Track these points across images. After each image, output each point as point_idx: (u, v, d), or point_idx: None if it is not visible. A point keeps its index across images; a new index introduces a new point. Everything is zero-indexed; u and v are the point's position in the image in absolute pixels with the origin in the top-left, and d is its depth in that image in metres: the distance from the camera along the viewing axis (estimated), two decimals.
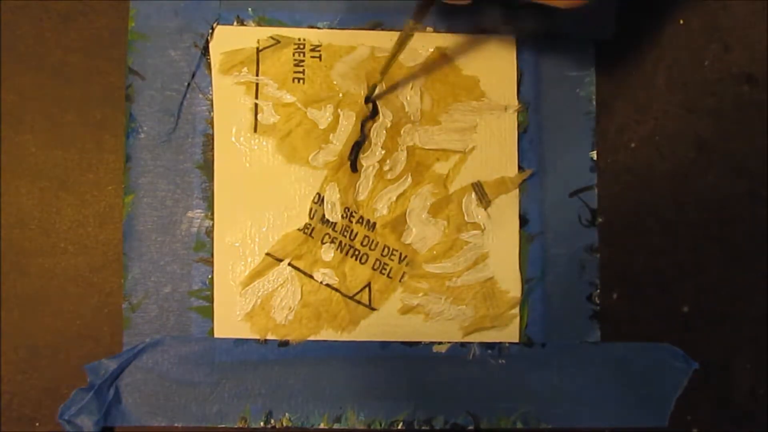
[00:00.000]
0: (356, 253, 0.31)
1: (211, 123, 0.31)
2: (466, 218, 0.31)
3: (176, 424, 0.30)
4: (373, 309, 0.30)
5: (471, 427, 0.30)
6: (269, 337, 0.30)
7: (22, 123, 0.31)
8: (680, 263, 0.31)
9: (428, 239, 0.31)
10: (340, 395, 0.30)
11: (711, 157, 0.32)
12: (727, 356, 0.31)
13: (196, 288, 0.30)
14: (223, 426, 0.30)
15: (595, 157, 0.31)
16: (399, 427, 0.30)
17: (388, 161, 0.31)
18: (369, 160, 0.31)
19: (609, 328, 0.31)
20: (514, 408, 0.30)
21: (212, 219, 0.30)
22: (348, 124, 0.31)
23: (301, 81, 0.31)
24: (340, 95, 0.31)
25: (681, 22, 0.32)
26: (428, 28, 0.31)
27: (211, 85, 0.31)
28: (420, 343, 0.31)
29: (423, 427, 0.30)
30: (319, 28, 0.31)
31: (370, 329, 0.30)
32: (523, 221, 0.31)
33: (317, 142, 0.31)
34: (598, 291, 0.31)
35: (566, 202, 0.31)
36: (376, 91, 0.30)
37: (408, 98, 0.31)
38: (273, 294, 0.30)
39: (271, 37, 0.31)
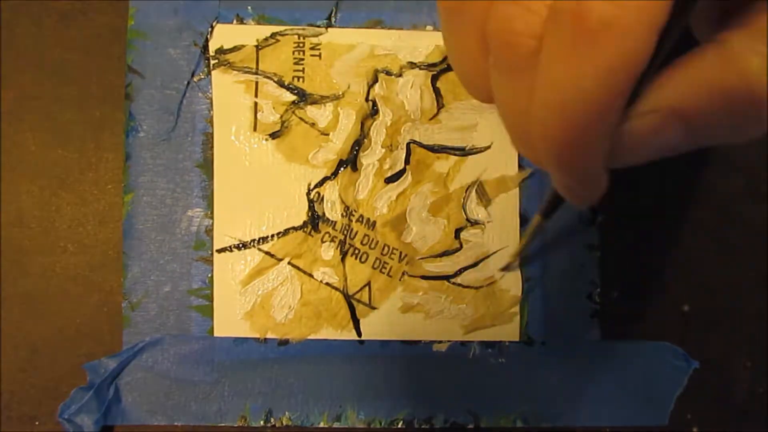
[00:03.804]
0: (356, 251, 0.31)
1: (211, 122, 0.31)
2: (466, 217, 0.31)
3: (176, 423, 0.30)
4: (373, 308, 0.30)
5: (471, 426, 0.30)
6: (269, 335, 0.30)
7: (21, 121, 0.31)
8: (680, 262, 0.31)
9: (428, 238, 0.31)
10: (339, 394, 0.30)
11: (711, 155, 0.32)
12: (728, 355, 0.31)
13: (196, 287, 0.30)
14: (222, 425, 0.30)
15: None
16: (399, 425, 0.30)
17: (387, 160, 0.31)
18: (369, 159, 0.31)
19: (609, 327, 0.31)
20: (514, 406, 0.30)
21: (212, 217, 0.30)
22: (348, 123, 0.31)
23: (301, 79, 0.31)
24: (340, 93, 0.31)
25: None
26: (428, 27, 0.31)
27: (211, 84, 0.31)
28: (420, 342, 0.31)
29: (423, 426, 0.30)
30: (318, 26, 0.31)
31: (370, 328, 0.30)
32: (524, 220, 0.31)
33: (317, 141, 0.31)
34: (598, 290, 0.31)
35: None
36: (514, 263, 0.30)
37: (408, 96, 0.31)
38: (273, 293, 0.30)
39: (271, 36, 0.31)
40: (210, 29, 0.31)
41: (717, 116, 0.15)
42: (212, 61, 0.31)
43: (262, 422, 0.30)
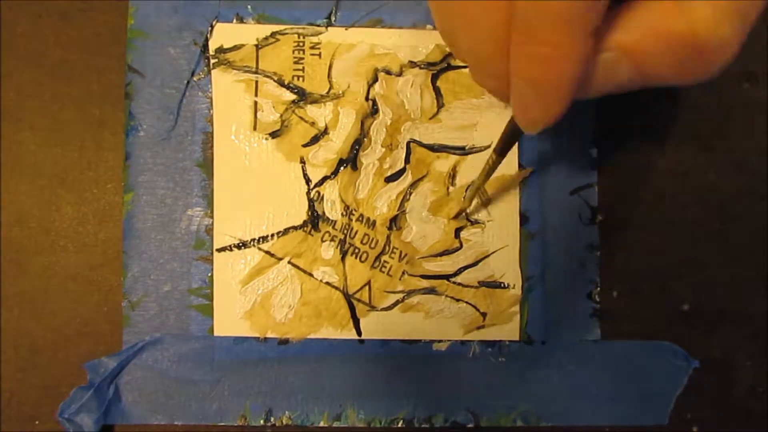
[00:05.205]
0: (356, 251, 0.30)
1: (211, 121, 0.31)
2: (466, 216, 0.31)
3: (176, 423, 0.30)
4: (373, 307, 0.30)
5: (471, 425, 0.30)
6: (269, 335, 0.30)
7: (21, 121, 0.31)
8: (680, 261, 0.31)
9: (428, 237, 0.31)
10: (339, 393, 0.30)
11: (711, 155, 0.32)
12: (728, 354, 0.31)
13: (196, 286, 0.30)
14: (222, 424, 0.30)
15: (595, 155, 0.31)
16: (399, 425, 0.30)
17: (387, 159, 0.31)
18: (369, 158, 0.31)
19: (609, 326, 0.31)
20: (514, 406, 0.30)
21: (212, 217, 0.30)
22: (348, 122, 0.31)
23: (301, 78, 0.31)
24: (340, 92, 0.31)
25: None
26: (428, 26, 0.31)
27: (211, 83, 0.31)
28: (420, 341, 0.31)
29: (423, 425, 0.30)
30: (318, 25, 0.31)
31: (370, 327, 0.30)
32: (524, 219, 0.31)
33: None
34: (599, 289, 0.31)
35: (567, 200, 0.31)
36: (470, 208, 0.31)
37: (408, 96, 0.31)
38: (273, 292, 0.30)
39: (271, 35, 0.31)
40: (210, 28, 0.31)
41: (663, 58, 0.17)
42: (212, 61, 0.31)
43: (262, 422, 0.30)
